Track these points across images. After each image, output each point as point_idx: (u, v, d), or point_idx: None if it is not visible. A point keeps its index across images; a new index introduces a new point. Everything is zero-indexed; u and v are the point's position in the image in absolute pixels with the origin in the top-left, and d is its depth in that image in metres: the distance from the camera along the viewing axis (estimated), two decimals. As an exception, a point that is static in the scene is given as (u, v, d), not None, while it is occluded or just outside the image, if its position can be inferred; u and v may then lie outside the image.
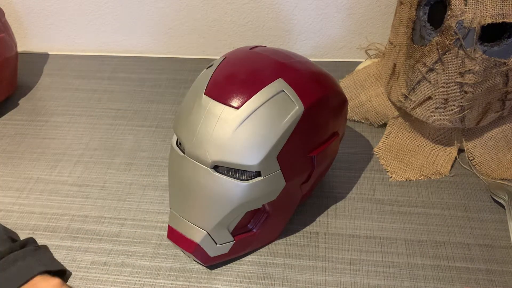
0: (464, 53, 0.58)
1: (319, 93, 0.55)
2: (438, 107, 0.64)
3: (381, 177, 0.69)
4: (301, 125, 0.53)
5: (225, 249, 0.57)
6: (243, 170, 0.53)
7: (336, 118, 0.58)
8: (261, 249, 0.61)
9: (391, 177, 0.69)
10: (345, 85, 0.80)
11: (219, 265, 0.59)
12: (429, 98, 0.64)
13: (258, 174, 0.53)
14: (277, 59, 0.56)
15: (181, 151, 0.56)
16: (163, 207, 0.67)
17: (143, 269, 0.59)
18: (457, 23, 0.56)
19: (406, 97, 0.67)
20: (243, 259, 0.60)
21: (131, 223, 0.65)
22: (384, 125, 0.76)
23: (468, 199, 0.65)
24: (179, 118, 0.56)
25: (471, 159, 0.69)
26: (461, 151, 0.71)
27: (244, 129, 0.51)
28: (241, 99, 0.52)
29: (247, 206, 0.54)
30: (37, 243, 0.60)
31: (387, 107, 0.75)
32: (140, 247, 0.62)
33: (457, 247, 0.59)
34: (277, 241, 0.62)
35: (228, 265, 0.59)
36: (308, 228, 0.63)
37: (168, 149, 0.77)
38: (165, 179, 0.71)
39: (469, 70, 0.59)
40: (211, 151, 0.52)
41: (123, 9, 0.94)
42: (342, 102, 0.60)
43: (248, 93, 0.52)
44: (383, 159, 0.71)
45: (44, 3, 0.96)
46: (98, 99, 0.88)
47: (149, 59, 0.98)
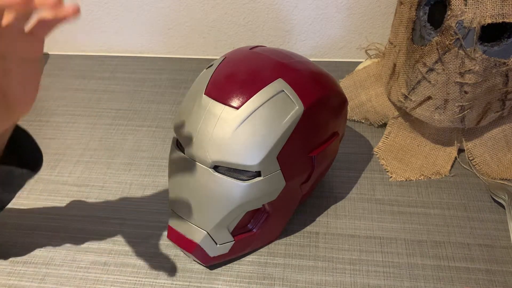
0: (464, 53, 0.58)
1: (319, 93, 0.55)
2: (438, 107, 0.64)
3: (381, 177, 0.69)
4: (301, 125, 0.53)
5: (225, 249, 0.57)
6: (243, 170, 0.53)
7: (336, 118, 0.58)
8: (261, 249, 0.61)
9: (391, 177, 0.69)
10: (345, 85, 0.80)
11: (219, 265, 0.59)
12: (429, 98, 0.64)
13: (258, 174, 0.53)
14: (277, 59, 0.56)
15: (181, 151, 0.57)
16: (163, 207, 0.67)
17: (143, 269, 0.59)
18: (457, 23, 0.56)
19: (406, 97, 0.67)
20: (243, 259, 0.60)
21: (131, 223, 0.65)
22: (384, 125, 0.76)
23: (468, 199, 0.65)
24: (179, 118, 0.56)
25: (471, 159, 0.69)
26: (461, 151, 0.71)
27: (244, 129, 0.51)
28: (241, 99, 0.52)
29: (247, 206, 0.54)
30: None
31: (387, 107, 0.75)
32: (140, 247, 0.62)
33: (457, 247, 0.59)
34: (277, 241, 0.62)
35: (228, 265, 0.59)
36: (308, 228, 0.63)
37: (168, 149, 0.77)
38: (165, 179, 0.71)
39: (469, 70, 0.59)
40: (211, 151, 0.52)
41: (123, 9, 0.94)
42: (342, 102, 0.60)
43: (248, 93, 0.52)
44: (383, 159, 0.71)
45: (44, 3, 0.96)
46: (98, 99, 0.88)
47: (149, 59, 0.98)
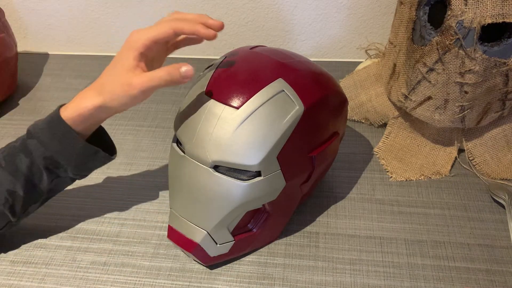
0: (464, 53, 0.58)
1: (319, 93, 0.55)
2: (438, 107, 0.64)
3: (381, 177, 0.69)
4: (301, 125, 0.53)
5: (225, 249, 0.57)
6: (243, 170, 0.53)
7: (336, 118, 0.58)
8: (261, 249, 0.61)
9: (391, 177, 0.69)
10: (345, 85, 0.80)
11: (219, 265, 0.59)
12: (429, 98, 0.64)
13: (258, 174, 0.53)
14: (277, 59, 0.56)
15: (181, 151, 0.56)
16: (163, 207, 0.67)
17: (143, 269, 0.59)
18: (457, 23, 0.56)
19: (406, 97, 0.67)
20: (243, 259, 0.60)
21: (131, 223, 0.65)
22: (384, 125, 0.76)
23: (468, 199, 0.65)
24: (179, 118, 0.56)
25: (471, 159, 0.69)
26: (461, 151, 0.71)
27: (244, 129, 0.51)
28: (241, 99, 0.52)
29: (247, 206, 0.54)
30: None
31: (387, 107, 0.75)
32: (140, 247, 0.62)
33: (457, 247, 0.59)
34: (277, 241, 0.62)
35: (228, 265, 0.59)
36: (308, 228, 0.63)
37: (168, 149, 0.77)
38: (165, 179, 0.71)
39: (469, 70, 0.59)
40: (211, 151, 0.52)
41: (123, 9, 0.94)
42: (342, 102, 0.60)
43: (248, 93, 0.52)
44: (383, 159, 0.71)
45: (44, 3, 0.96)
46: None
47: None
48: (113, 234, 0.64)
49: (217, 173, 0.53)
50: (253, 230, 0.58)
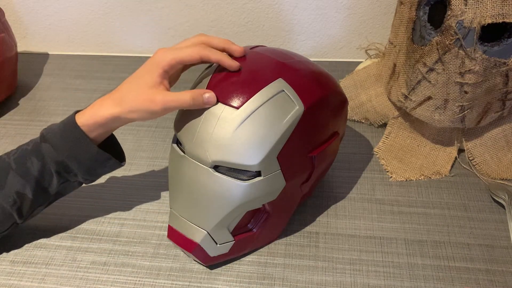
0: (464, 53, 0.58)
1: (319, 93, 0.55)
2: (438, 107, 0.64)
3: (381, 177, 0.69)
4: (301, 125, 0.53)
5: (225, 249, 0.57)
6: (243, 170, 0.53)
7: (336, 118, 0.58)
8: (261, 249, 0.61)
9: (391, 177, 0.69)
10: (345, 85, 0.80)
11: (219, 265, 0.59)
12: (429, 98, 0.64)
13: (258, 174, 0.53)
14: (277, 59, 0.56)
15: (181, 150, 0.57)
16: (163, 207, 0.67)
17: (143, 269, 0.59)
18: (457, 23, 0.56)
19: (406, 97, 0.67)
20: (243, 259, 0.60)
21: (131, 223, 0.65)
22: (384, 125, 0.76)
23: (468, 199, 0.65)
24: (179, 118, 0.56)
25: (471, 159, 0.69)
26: (461, 151, 0.71)
27: (244, 129, 0.51)
28: (241, 99, 0.52)
29: (247, 206, 0.54)
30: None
31: (387, 107, 0.75)
32: (140, 247, 0.62)
33: (457, 247, 0.59)
34: (277, 241, 0.62)
35: (228, 265, 0.59)
36: (308, 228, 0.63)
37: (168, 149, 0.77)
38: (165, 179, 0.71)
39: (469, 70, 0.59)
40: (211, 151, 0.52)
41: (123, 9, 0.94)
42: (342, 102, 0.60)
43: (248, 93, 0.52)
44: (383, 159, 0.71)
45: (44, 3, 0.96)
46: (98, 99, 0.88)
47: (148, 58, 0.98)
48: (113, 234, 0.64)
49: (217, 173, 0.53)
50: (253, 230, 0.58)
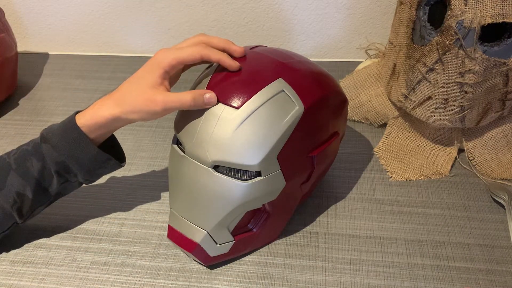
0: (464, 53, 0.58)
1: (319, 93, 0.55)
2: (438, 107, 0.64)
3: (381, 177, 0.69)
4: (301, 125, 0.53)
5: (225, 249, 0.57)
6: (243, 170, 0.53)
7: (336, 118, 0.58)
8: (261, 249, 0.61)
9: (391, 177, 0.69)
10: (345, 85, 0.80)
11: (219, 265, 0.59)
12: (429, 98, 0.64)
13: (258, 174, 0.53)
14: (277, 59, 0.56)
15: (181, 150, 0.57)
16: (163, 207, 0.67)
17: (143, 269, 0.59)
18: (457, 23, 0.56)
19: (406, 97, 0.67)
20: (243, 259, 0.60)
21: (131, 223, 0.65)
22: (384, 125, 0.76)
23: (468, 199, 0.65)
24: (179, 118, 0.56)
25: (471, 159, 0.69)
26: (461, 151, 0.71)
27: (244, 129, 0.51)
28: (241, 99, 0.52)
29: (247, 206, 0.54)
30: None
31: (387, 107, 0.75)
32: (140, 247, 0.62)
33: (457, 247, 0.59)
34: (277, 241, 0.62)
35: (228, 265, 0.59)
36: (308, 228, 0.63)
37: (168, 149, 0.77)
38: (165, 179, 0.71)
39: (469, 70, 0.59)
40: (211, 151, 0.52)
41: (123, 9, 0.94)
42: (342, 102, 0.60)
43: (248, 93, 0.52)
44: (383, 159, 0.71)
45: (44, 3, 0.96)
46: (98, 99, 0.88)
47: (149, 59, 0.98)
48: (113, 234, 0.64)
49: (217, 173, 0.53)
50: (253, 230, 0.58)
